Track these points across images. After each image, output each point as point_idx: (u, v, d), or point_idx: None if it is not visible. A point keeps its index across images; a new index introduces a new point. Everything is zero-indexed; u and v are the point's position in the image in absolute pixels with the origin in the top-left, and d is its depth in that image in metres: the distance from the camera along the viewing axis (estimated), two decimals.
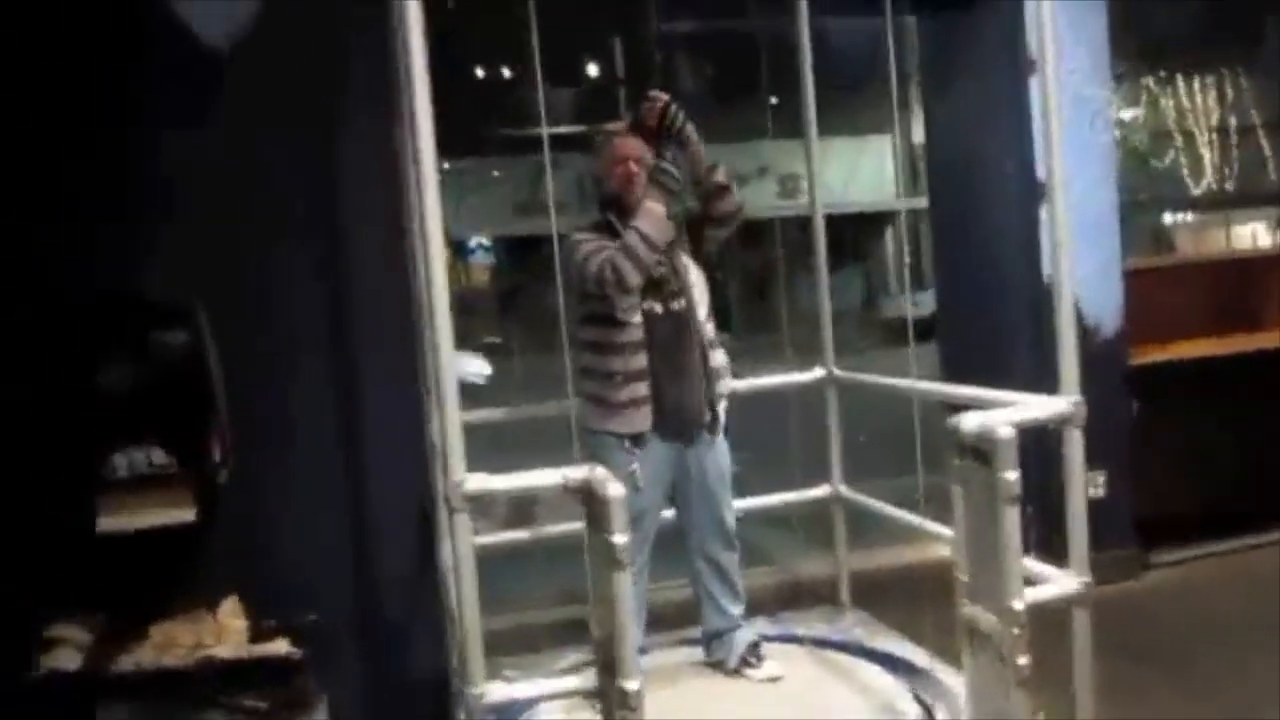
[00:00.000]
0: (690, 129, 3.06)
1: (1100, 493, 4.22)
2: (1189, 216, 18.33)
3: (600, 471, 2.06)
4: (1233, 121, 17.55)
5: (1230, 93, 17.41)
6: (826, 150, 3.92)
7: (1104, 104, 4.24)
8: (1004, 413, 2.44)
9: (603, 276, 2.90)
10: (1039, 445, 2.85)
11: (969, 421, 2.35)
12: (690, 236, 3.16)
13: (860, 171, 16.47)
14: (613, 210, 3.08)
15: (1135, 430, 4.36)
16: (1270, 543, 4.56)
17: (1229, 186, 17.61)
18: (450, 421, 2.06)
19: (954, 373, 4.80)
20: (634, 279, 2.91)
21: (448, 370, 2.07)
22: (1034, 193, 4.13)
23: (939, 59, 4.82)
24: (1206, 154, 17.62)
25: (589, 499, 2.03)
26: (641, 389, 3.00)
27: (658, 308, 3.04)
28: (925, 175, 5.15)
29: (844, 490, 3.78)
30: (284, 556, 2.41)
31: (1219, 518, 4.68)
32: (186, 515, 2.03)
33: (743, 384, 3.58)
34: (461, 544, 2.08)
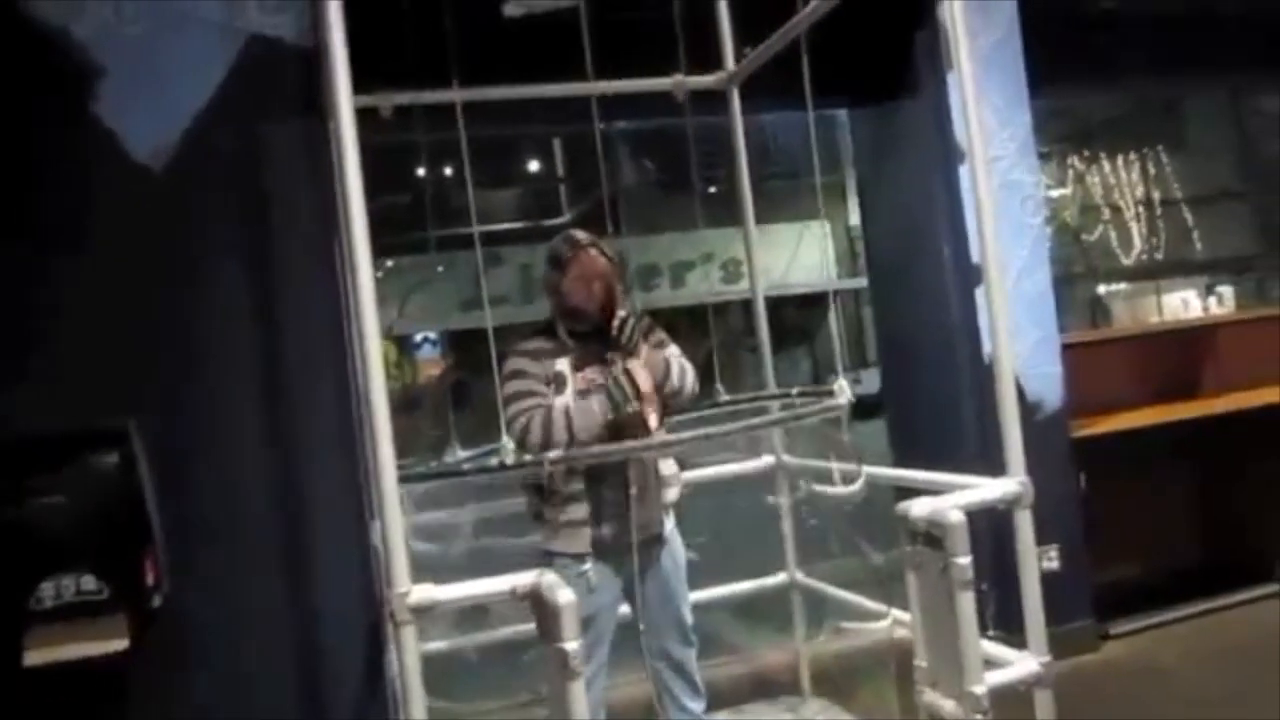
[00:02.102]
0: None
1: (1055, 566, 4.23)
2: (1122, 286, 18.93)
3: (549, 578, 2.01)
4: (1157, 196, 18.32)
5: (1153, 169, 18.19)
6: (768, 236, 4.01)
7: (1033, 188, 4.37)
8: (953, 497, 2.45)
9: (513, 430, 2.81)
10: (991, 522, 2.87)
11: (919, 507, 2.35)
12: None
13: (801, 255, 16.81)
14: (567, 321, 3.00)
15: (1085, 502, 4.40)
16: (1224, 606, 4.59)
17: (1158, 256, 18.27)
18: (392, 530, 2.02)
19: (901, 451, 4.84)
20: (537, 449, 2.77)
21: (388, 476, 2.03)
22: (970, 274, 4.23)
23: (872, 149, 4.96)
24: (1134, 226, 18.30)
25: (538, 607, 1.99)
26: (579, 511, 2.91)
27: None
28: (864, 258, 5.25)
29: (800, 577, 3.75)
30: (221, 684, 2.31)
31: (1173, 584, 4.73)
32: (118, 644, 1.95)
33: (691, 474, 3.56)
34: (407, 657, 2.01)
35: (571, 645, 1.87)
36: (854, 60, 4.40)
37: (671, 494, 3.10)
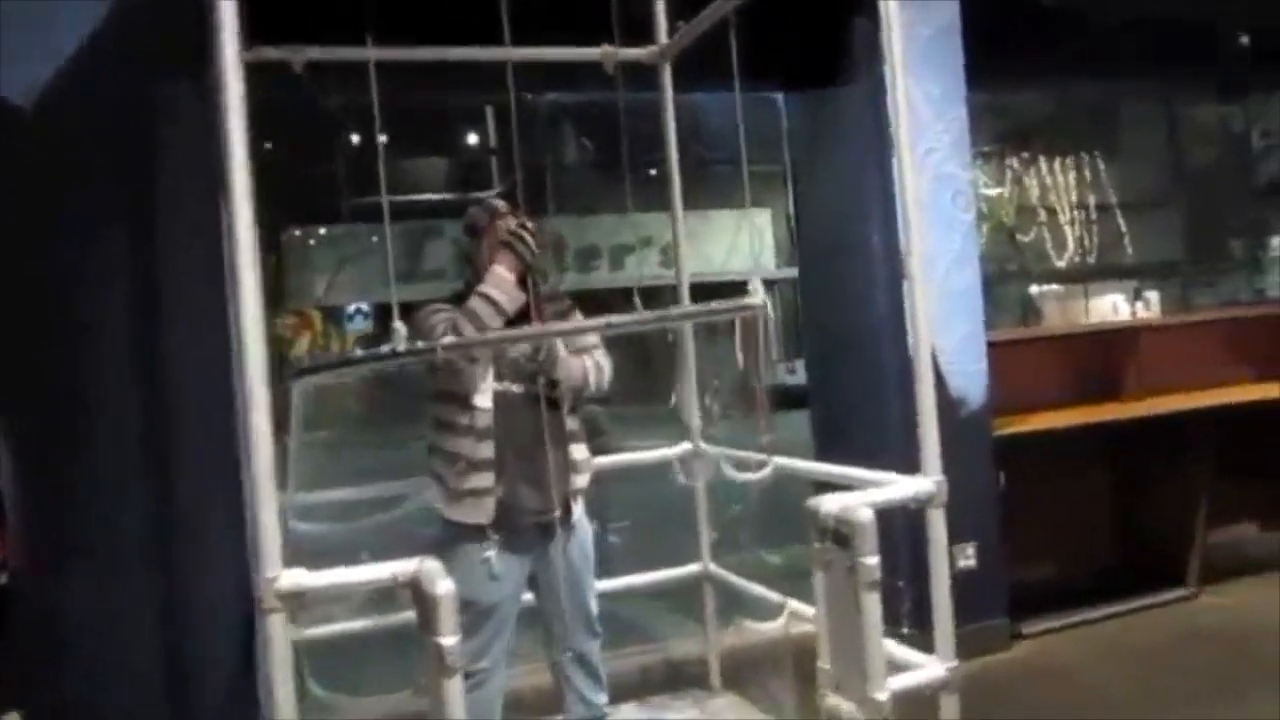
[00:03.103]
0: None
1: (971, 564, 4.21)
2: (1054, 287, 19.23)
3: (431, 565, 1.88)
4: (1092, 200, 18.62)
5: (1089, 174, 18.49)
6: (708, 222, 3.92)
7: (965, 183, 4.32)
8: (864, 494, 2.37)
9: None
10: (910, 516, 2.81)
11: (829, 503, 2.26)
12: None
13: (740, 243, 16.80)
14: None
15: (1003, 501, 4.38)
16: (1137, 609, 4.61)
17: (1090, 259, 18.58)
18: (264, 511, 1.87)
19: (824, 444, 4.78)
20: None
21: (262, 454, 1.88)
22: (899, 267, 4.16)
23: (807, 135, 4.87)
24: (1069, 230, 18.59)
25: (418, 596, 1.86)
26: (484, 479, 2.78)
27: (514, 389, 2.84)
28: (795, 247, 5.18)
29: (713, 568, 3.67)
30: (83, 665, 2.15)
31: (1087, 585, 4.75)
32: None
33: (608, 460, 3.48)
34: (274, 648, 1.87)
35: (449, 640, 1.75)
36: (791, 43, 4.31)
37: (582, 480, 2.98)
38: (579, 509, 2.98)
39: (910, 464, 2.78)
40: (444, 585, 1.79)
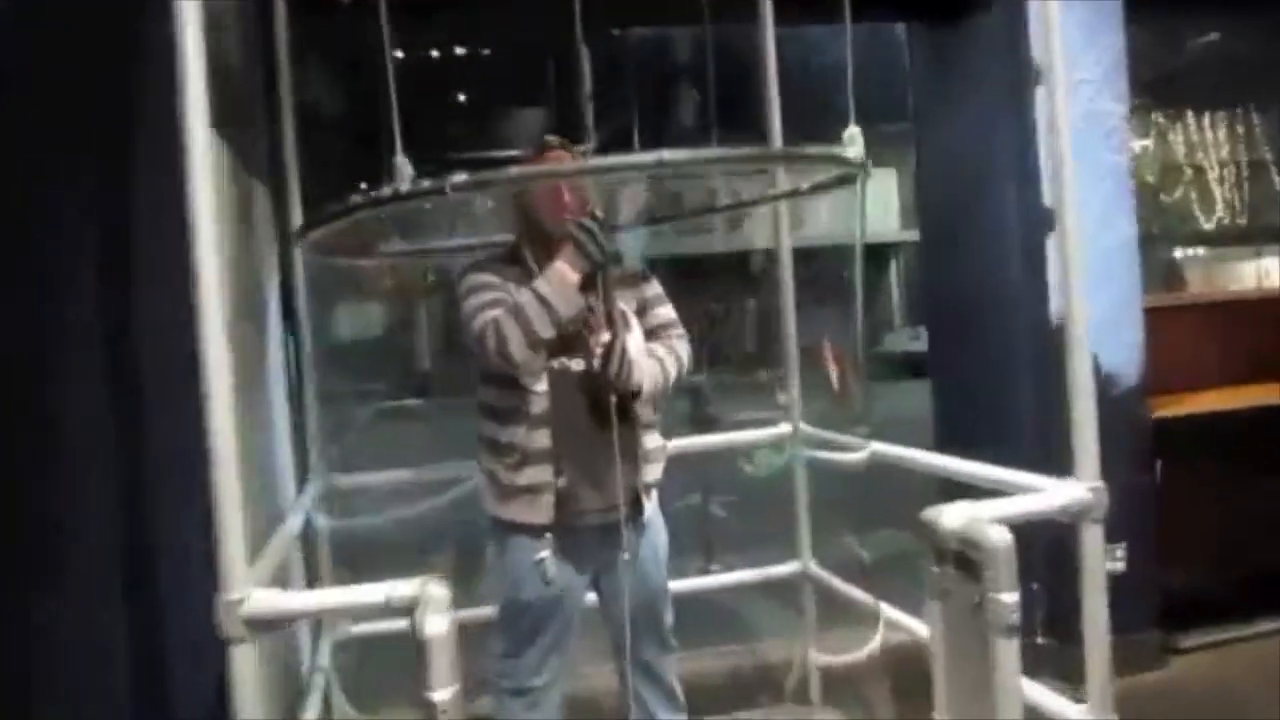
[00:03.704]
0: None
1: (1120, 566, 3.61)
2: (1200, 251, 17.84)
3: (435, 593, 1.46)
4: (1243, 157, 17.13)
5: (1240, 128, 17.00)
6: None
7: (1120, 119, 3.68)
8: (997, 505, 1.86)
9: (484, 339, 2.28)
10: None
11: (952, 517, 1.76)
12: None
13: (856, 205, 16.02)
14: (531, 240, 2.46)
15: (1159, 495, 3.77)
16: None
17: (1241, 222, 17.14)
18: (228, 522, 1.48)
19: (945, 427, 4.24)
20: (519, 352, 2.26)
21: (225, 456, 1.49)
22: (1039, 221, 3.59)
23: (931, 75, 4.27)
24: (1217, 189, 17.16)
25: (413, 628, 1.45)
26: (541, 473, 2.36)
27: (573, 368, 2.39)
28: (916, 201, 4.60)
29: (813, 567, 3.19)
30: (55, 692, 1.82)
31: (1252, 595, 4.09)
32: None
33: (701, 440, 3.07)
34: (243, 685, 1.49)
35: (440, 696, 1.34)
36: None
37: (654, 471, 2.53)
38: (651, 505, 2.53)
39: (1046, 457, 2.29)
40: (439, 624, 1.37)
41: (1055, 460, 2.23)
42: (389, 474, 3.09)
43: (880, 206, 22.21)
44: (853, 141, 1.94)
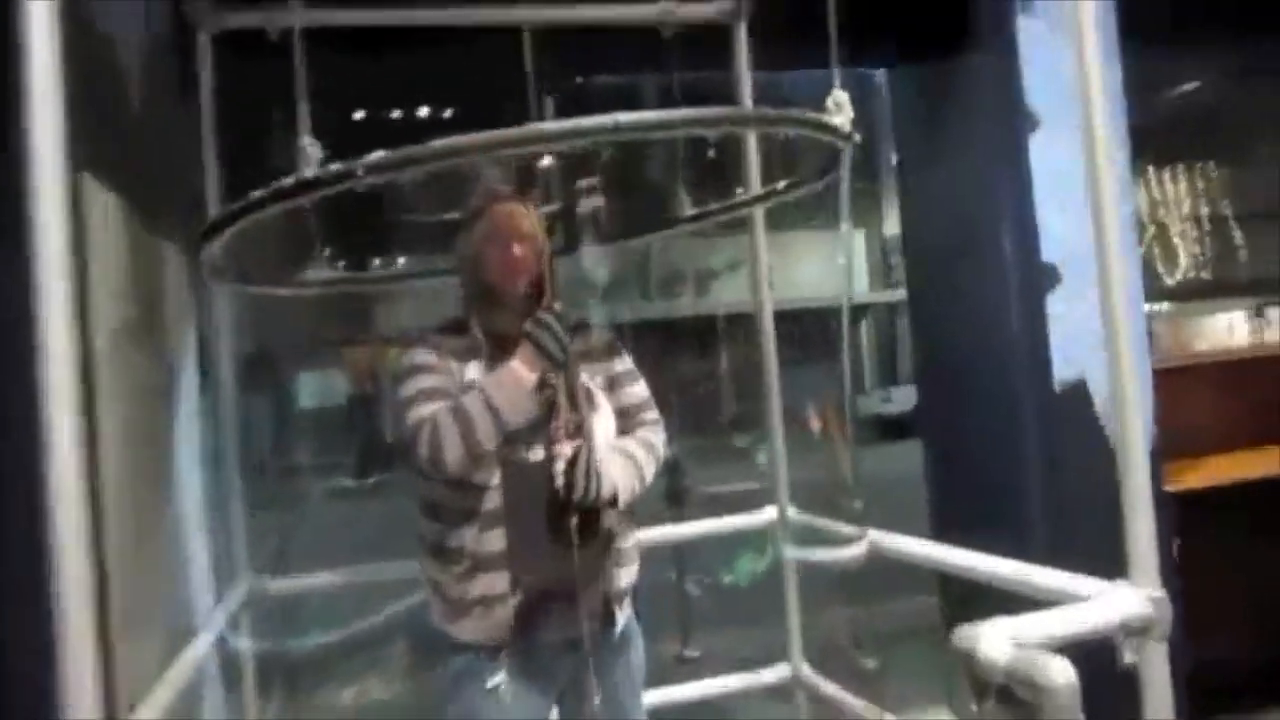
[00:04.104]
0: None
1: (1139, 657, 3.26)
2: (1164, 307, 17.83)
3: None
4: (1204, 211, 17.20)
5: (1200, 183, 17.09)
6: (795, 245, 3.12)
7: (1123, 163, 3.41)
8: (1042, 622, 1.52)
9: (416, 440, 1.93)
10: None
11: (993, 645, 1.41)
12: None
13: (832, 266, 15.90)
14: (480, 308, 2.12)
15: (1180, 574, 3.43)
16: None
17: (1205, 276, 17.14)
18: (68, 577, 1.10)
19: (941, 501, 3.91)
20: (456, 464, 1.91)
21: (64, 465, 1.12)
22: (1039, 278, 3.31)
23: (918, 119, 4.00)
24: (1180, 244, 17.19)
25: None
26: (495, 583, 1.98)
27: (530, 456, 2.01)
28: (901, 258, 4.31)
29: (806, 671, 2.82)
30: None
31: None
32: None
33: (680, 529, 2.72)
34: None
35: None
36: (897, 4, 3.48)
37: (628, 575, 2.16)
38: (624, 615, 2.16)
39: (1056, 535, 1.98)
40: None
41: (1062, 542, 1.93)
42: (331, 575, 2.69)
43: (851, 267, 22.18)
44: (839, 108, 1.64)
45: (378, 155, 1.50)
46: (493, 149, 1.69)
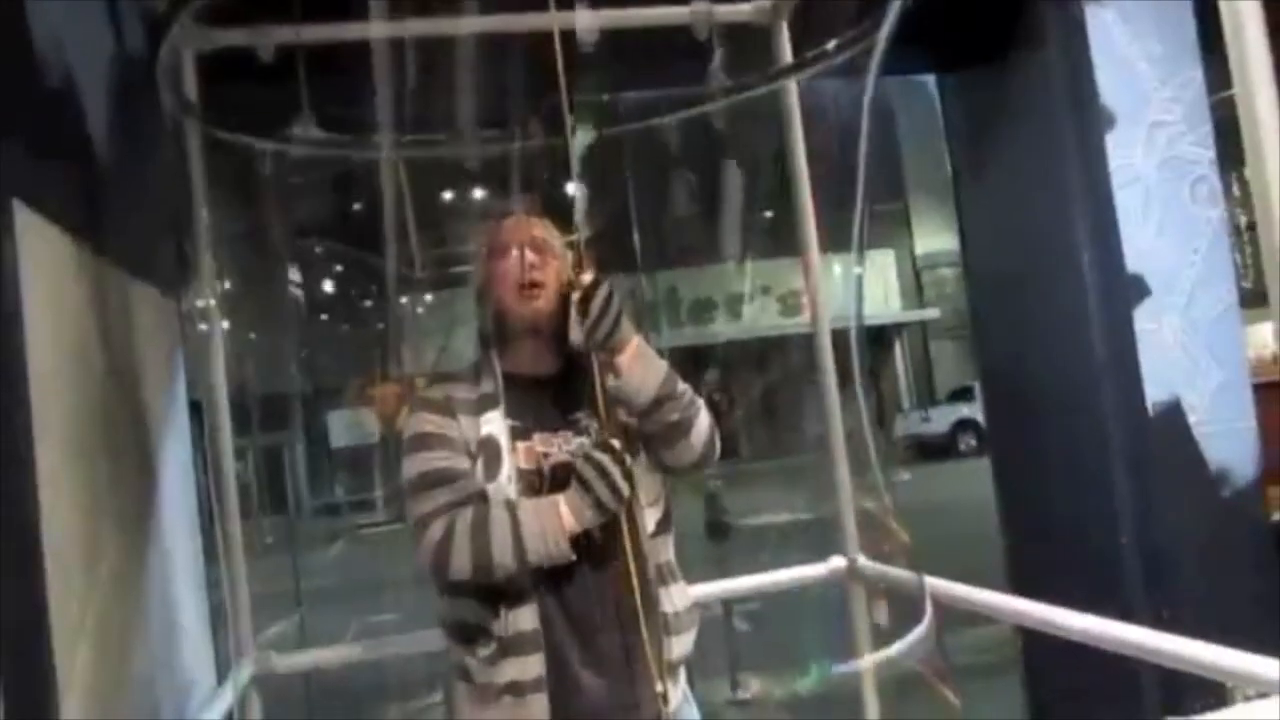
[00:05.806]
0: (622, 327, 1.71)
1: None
2: None
3: None
4: (1242, 220, 16.72)
5: (1237, 190, 16.63)
6: (826, 267, 2.84)
7: (1209, 167, 3.10)
8: None
9: (419, 544, 1.68)
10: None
11: None
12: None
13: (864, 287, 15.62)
14: (496, 343, 1.84)
15: None
16: None
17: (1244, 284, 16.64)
18: None
19: (1016, 538, 3.57)
20: (461, 573, 1.66)
21: None
22: (1124, 291, 3.00)
23: (973, 126, 3.69)
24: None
25: None
26: (528, 667, 1.68)
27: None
28: (962, 270, 3.99)
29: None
30: None
31: None
32: None
33: (733, 584, 2.42)
34: None
35: None
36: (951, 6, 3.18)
37: (682, 644, 1.84)
38: (678, 691, 1.85)
39: (1156, 571, 1.66)
40: None
41: (1165, 580, 1.61)
42: (347, 649, 2.40)
43: (880, 288, 21.85)
44: None
45: None
46: None
